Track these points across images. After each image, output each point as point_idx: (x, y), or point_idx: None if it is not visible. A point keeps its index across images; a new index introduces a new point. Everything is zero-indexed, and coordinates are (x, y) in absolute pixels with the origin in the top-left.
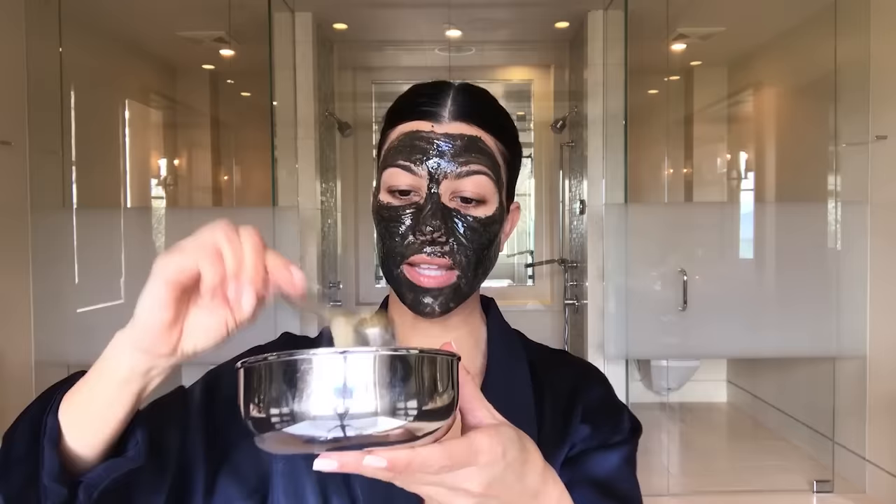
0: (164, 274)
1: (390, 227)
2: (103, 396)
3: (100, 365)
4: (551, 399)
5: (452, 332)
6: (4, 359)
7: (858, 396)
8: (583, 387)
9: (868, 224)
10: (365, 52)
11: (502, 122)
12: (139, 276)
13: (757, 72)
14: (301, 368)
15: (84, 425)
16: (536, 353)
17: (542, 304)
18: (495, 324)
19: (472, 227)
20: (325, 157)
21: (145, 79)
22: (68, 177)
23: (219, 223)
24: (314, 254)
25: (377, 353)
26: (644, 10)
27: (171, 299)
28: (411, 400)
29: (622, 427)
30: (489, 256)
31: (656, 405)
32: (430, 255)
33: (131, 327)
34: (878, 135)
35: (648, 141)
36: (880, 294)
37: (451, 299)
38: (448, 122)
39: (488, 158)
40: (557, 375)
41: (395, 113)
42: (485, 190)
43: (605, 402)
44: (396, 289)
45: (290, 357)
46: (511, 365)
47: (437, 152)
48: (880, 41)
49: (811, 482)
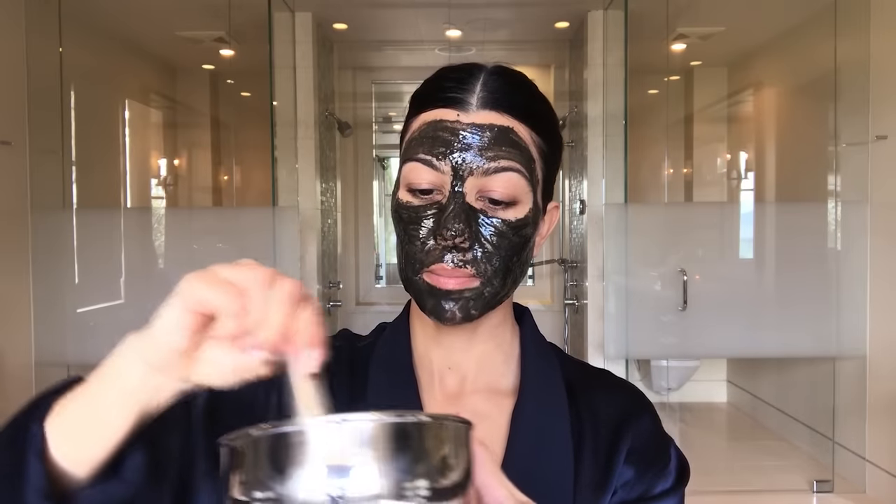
0: (187, 301)
1: (409, 229)
2: (106, 405)
3: (105, 372)
4: (592, 430)
5: (479, 344)
6: (4, 359)
7: (858, 396)
8: (630, 421)
9: (868, 224)
10: (365, 52)
11: (540, 110)
12: (139, 276)
13: (757, 72)
14: (287, 442)
15: (79, 436)
16: (575, 372)
17: (542, 304)
18: (529, 338)
19: (500, 231)
20: (325, 157)
21: (145, 79)
22: (68, 177)
23: (262, 270)
24: (314, 254)
25: (380, 421)
26: (644, 10)
27: (189, 328)
28: (420, 479)
29: (668, 471)
30: (520, 263)
31: (656, 405)
32: (451, 264)
33: (144, 340)
34: (878, 135)
35: (648, 141)
36: (880, 294)
37: (473, 305)
38: (476, 110)
39: (521, 153)
40: (600, 402)
41: (418, 99)
42: (516, 189)
43: (654, 440)
44: (416, 297)
45: (273, 431)
46: (547, 386)
47: (462, 145)
48: (880, 41)
49: (811, 482)
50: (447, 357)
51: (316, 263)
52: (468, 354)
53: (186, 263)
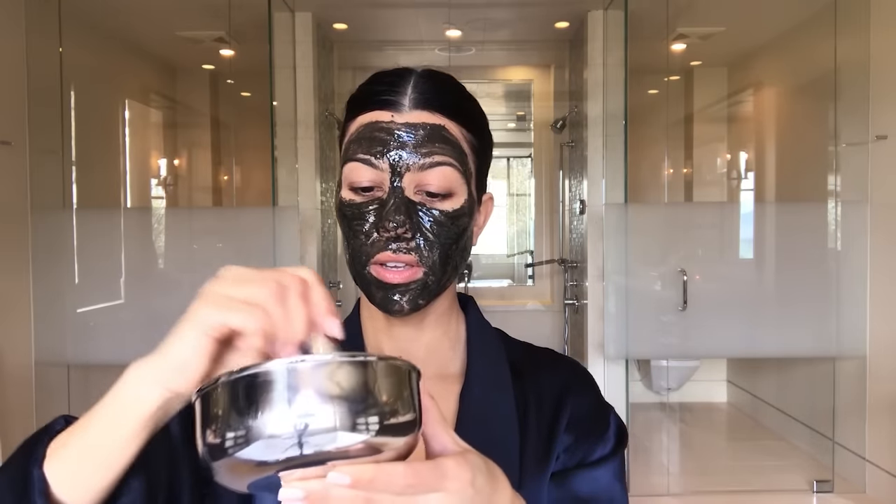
0: (203, 327)
1: (354, 225)
2: (117, 434)
3: (118, 401)
4: (536, 405)
5: (427, 332)
6: (4, 359)
7: (858, 396)
8: (570, 392)
9: (868, 224)
10: (365, 52)
11: (468, 108)
12: (139, 276)
13: (757, 72)
14: (254, 383)
15: (83, 472)
16: (519, 353)
17: (542, 304)
18: (475, 324)
19: (438, 221)
20: (325, 157)
21: (145, 79)
22: (68, 177)
23: (270, 281)
24: (314, 254)
25: (334, 360)
26: (644, 10)
27: (208, 353)
28: (372, 409)
29: (607, 437)
30: (459, 251)
31: (656, 405)
32: (395, 251)
33: (161, 366)
34: (878, 135)
35: (648, 141)
36: (880, 294)
37: (419, 296)
38: (409, 110)
39: (453, 148)
40: (543, 378)
41: (354, 103)
42: (451, 182)
43: (593, 409)
44: (365, 289)
45: (241, 374)
46: (492, 368)
47: (398, 143)
48: (880, 41)
49: (811, 482)
50: (397, 346)
51: (316, 263)
52: (417, 343)
53: (186, 263)
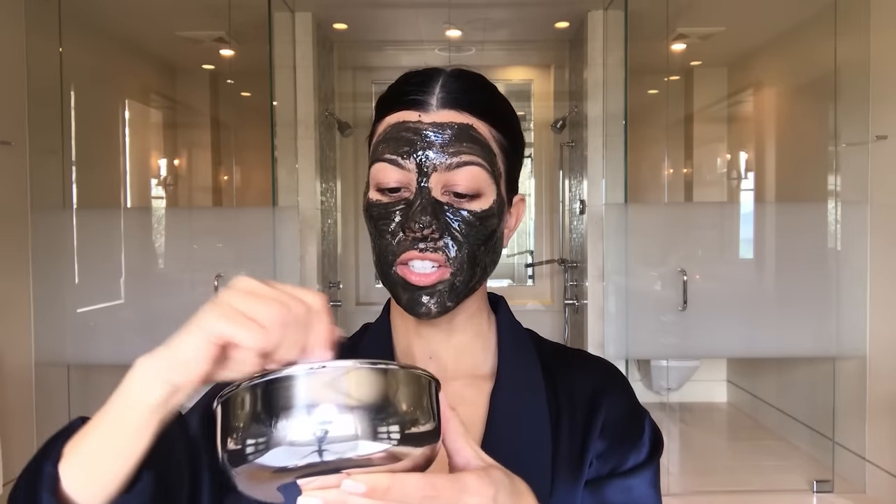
0: (209, 332)
1: (380, 225)
2: (127, 429)
3: (125, 396)
4: (569, 408)
5: (457, 334)
6: (4, 359)
7: (858, 396)
8: (604, 393)
9: (868, 224)
10: (365, 52)
11: (498, 108)
12: (139, 276)
13: (757, 72)
14: (275, 389)
15: (96, 468)
16: (551, 354)
17: (542, 304)
18: (505, 324)
19: (467, 221)
20: (325, 157)
21: (145, 79)
22: (68, 177)
23: (279, 306)
24: (314, 254)
25: (354, 367)
26: (644, 10)
27: (211, 358)
28: (392, 417)
29: (642, 443)
30: (487, 252)
31: (656, 405)
32: (421, 251)
33: (166, 364)
34: (878, 135)
35: (648, 141)
36: (880, 294)
37: (447, 298)
38: (436, 110)
39: (482, 148)
40: (576, 381)
41: (382, 103)
42: (479, 182)
43: (627, 413)
44: (392, 290)
45: (262, 380)
46: (523, 369)
47: (424, 144)
48: (880, 41)
49: (811, 482)
50: (427, 348)
51: (316, 263)
52: (447, 344)
53: (186, 263)
